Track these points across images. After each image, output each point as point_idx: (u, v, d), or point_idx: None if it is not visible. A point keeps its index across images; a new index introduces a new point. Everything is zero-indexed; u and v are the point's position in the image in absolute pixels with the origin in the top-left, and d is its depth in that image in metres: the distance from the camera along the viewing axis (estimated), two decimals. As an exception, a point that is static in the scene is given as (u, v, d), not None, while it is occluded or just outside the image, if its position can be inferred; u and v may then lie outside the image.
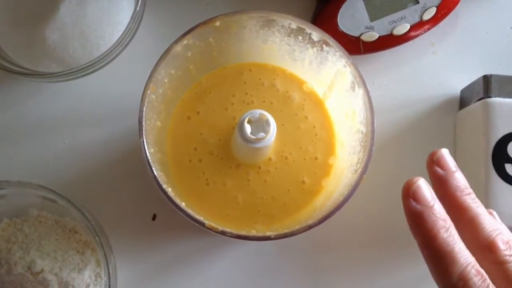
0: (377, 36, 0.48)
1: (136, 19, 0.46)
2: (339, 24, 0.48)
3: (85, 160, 0.49)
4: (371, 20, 0.48)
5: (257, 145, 0.40)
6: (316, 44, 0.42)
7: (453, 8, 0.49)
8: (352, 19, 0.48)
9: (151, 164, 0.38)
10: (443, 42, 0.52)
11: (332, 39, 0.41)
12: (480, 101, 0.46)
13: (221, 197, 0.43)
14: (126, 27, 0.45)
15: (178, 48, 0.40)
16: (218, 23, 0.41)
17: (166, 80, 0.42)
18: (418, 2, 0.48)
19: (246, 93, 0.45)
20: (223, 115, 0.44)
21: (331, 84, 0.44)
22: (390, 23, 0.48)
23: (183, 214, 0.38)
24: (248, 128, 0.40)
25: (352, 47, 0.48)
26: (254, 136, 0.39)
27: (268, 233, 0.38)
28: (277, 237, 0.38)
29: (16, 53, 0.47)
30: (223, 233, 0.38)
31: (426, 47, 0.52)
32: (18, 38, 0.47)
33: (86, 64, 0.45)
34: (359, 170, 0.39)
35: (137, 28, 0.48)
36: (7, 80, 0.49)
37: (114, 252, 0.47)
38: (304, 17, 0.41)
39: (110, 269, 0.43)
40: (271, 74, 0.45)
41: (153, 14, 0.50)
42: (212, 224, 0.38)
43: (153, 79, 0.40)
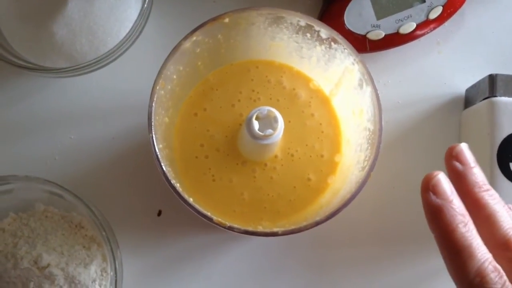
0: (383, 35, 0.49)
1: (144, 16, 0.46)
2: (346, 22, 0.48)
3: (91, 156, 0.49)
4: (378, 19, 0.48)
5: (265, 142, 0.40)
6: (324, 42, 0.42)
7: (459, 8, 0.50)
8: (359, 17, 0.48)
9: (160, 160, 0.39)
10: (449, 41, 0.52)
11: (341, 37, 0.41)
12: (485, 100, 0.46)
13: (227, 194, 0.43)
14: (134, 24, 0.46)
15: (187, 45, 0.40)
16: (227, 20, 0.41)
17: (175, 77, 0.42)
18: (425, 1, 0.48)
19: (253, 90, 0.45)
20: (230, 112, 0.45)
21: (339, 82, 0.44)
22: (397, 22, 0.49)
23: (192, 210, 0.38)
24: (256, 125, 0.40)
25: (358, 45, 0.48)
26: (262, 133, 0.39)
27: (276, 229, 0.38)
28: (285, 233, 0.38)
29: (23, 48, 0.47)
30: (231, 229, 0.38)
31: (432, 46, 0.52)
32: (26, 33, 0.47)
33: (93, 60, 0.45)
34: (367, 168, 0.39)
35: (144, 25, 0.48)
36: (14, 75, 0.49)
37: (120, 247, 0.47)
38: (310, 15, 0.41)
39: (117, 264, 0.43)
40: (278, 71, 0.45)
41: (160, 11, 0.50)
42: (220, 220, 0.38)
43: (162, 75, 0.40)
